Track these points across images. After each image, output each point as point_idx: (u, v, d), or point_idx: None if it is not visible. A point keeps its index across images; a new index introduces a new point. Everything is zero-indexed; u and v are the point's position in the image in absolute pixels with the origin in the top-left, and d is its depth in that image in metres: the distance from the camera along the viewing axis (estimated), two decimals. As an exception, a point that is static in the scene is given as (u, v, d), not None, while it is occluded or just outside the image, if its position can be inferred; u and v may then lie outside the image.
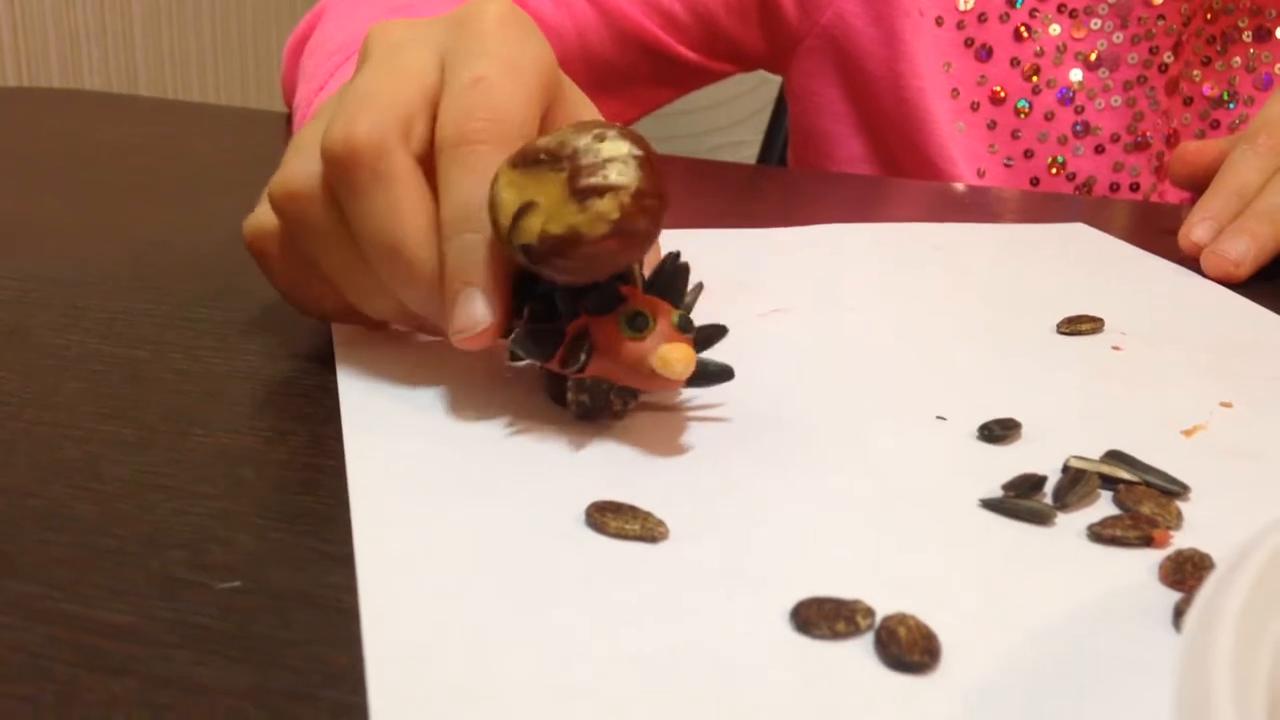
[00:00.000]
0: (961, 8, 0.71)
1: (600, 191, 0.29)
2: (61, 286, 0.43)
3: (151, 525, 0.27)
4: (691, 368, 0.30)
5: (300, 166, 0.33)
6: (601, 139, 0.29)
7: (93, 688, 0.21)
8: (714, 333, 0.33)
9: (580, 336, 0.31)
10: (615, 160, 0.29)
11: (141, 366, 0.36)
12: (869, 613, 0.24)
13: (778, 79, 0.87)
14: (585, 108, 0.38)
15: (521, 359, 0.32)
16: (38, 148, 0.69)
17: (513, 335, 0.31)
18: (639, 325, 0.31)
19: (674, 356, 0.30)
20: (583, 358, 0.31)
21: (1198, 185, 0.59)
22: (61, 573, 0.25)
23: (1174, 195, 0.72)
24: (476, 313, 0.31)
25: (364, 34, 0.36)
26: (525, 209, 0.29)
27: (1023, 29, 0.71)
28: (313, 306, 0.37)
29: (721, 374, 0.33)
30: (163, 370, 0.36)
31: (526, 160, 0.30)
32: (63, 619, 0.23)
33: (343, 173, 0.32)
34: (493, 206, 0.30)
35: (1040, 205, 0.64)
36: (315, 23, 0.69)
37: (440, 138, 0.32)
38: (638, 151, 0.29)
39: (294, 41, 0.71)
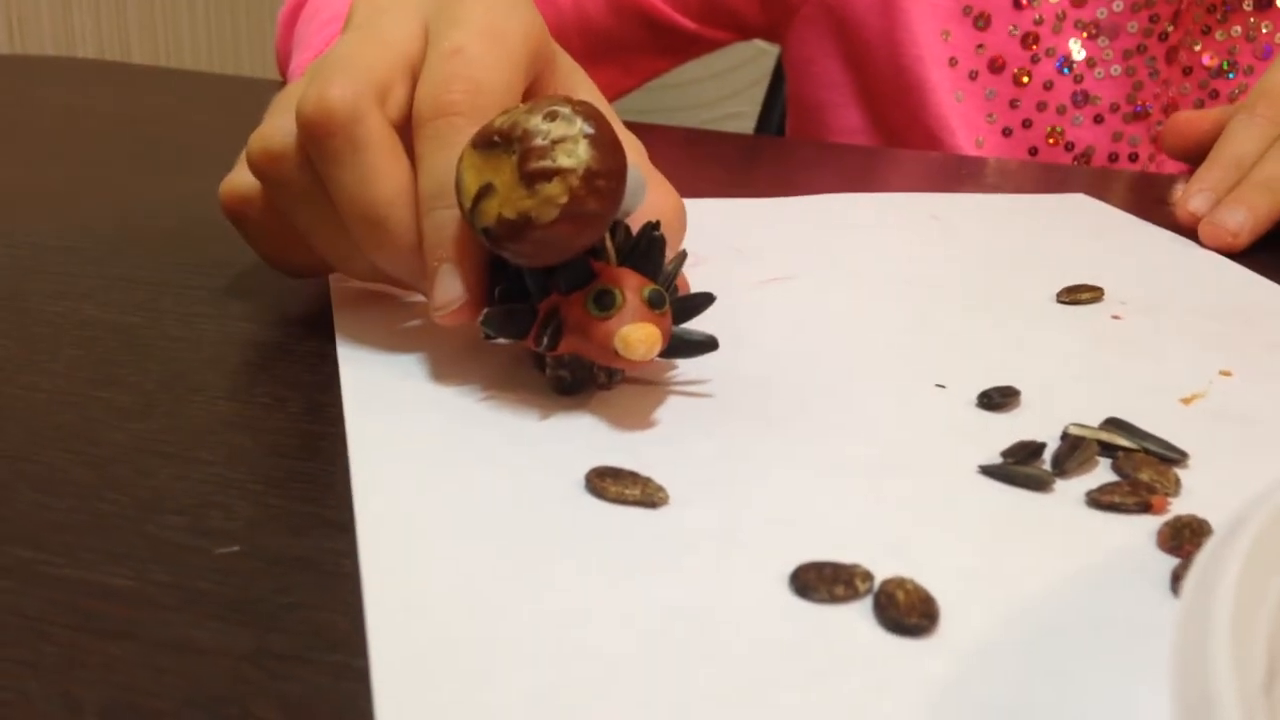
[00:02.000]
0: (960, -24, 0.71)
1: (548, 175, 0.28)
2: (55, 253, 0.42)
3: (150, 490, 0.27)
4: (655, 348, 0.30)
5: (278, 125, 0.33)
6: (553, 118, 0.29)
7: (92, 651, 0.21)
8: (700, 302, 0.33)
9: (550, 315, 0.31)
10: (566, 141, 0.28)
11: (137, 333, 0.36)
12: (867, 576, 0.24)
13: (775, 50, 0.87)
14: (578, 79, 0.37)
15: (494, 338, 0.32)
16: (31, 115, 0.68)
17: (483, 315, 0.31)
18: (605, 304, 0.30)
19: (635, 337, 0.29)
20: (546, 340, 0.30)
21: (1190, 156, 0.59)
22: (59, 537, 0.25)
23: (1172, 165, 0.72)
24: (454, 290, 0.31)
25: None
26: (483, 192, 0.29)
27: (1022, -3, 0.70)
28: (290, 266, 0.37)
29: (704, 345, 0.32)
30: (158, 337, 0.35)
31: (485, 141, 0.29)
32: (61, 583, 0.23)
33: (317, 138, 0.31)
34: (458, 188, 0.30)
35: (1039, 175, 0.64)
36: (310, -10, 0.69)
37: (417, 109, 0.32)
38: (590, 130, 0.29)
39: (288, 9, 0.71)
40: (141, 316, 0.37)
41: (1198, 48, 0.72)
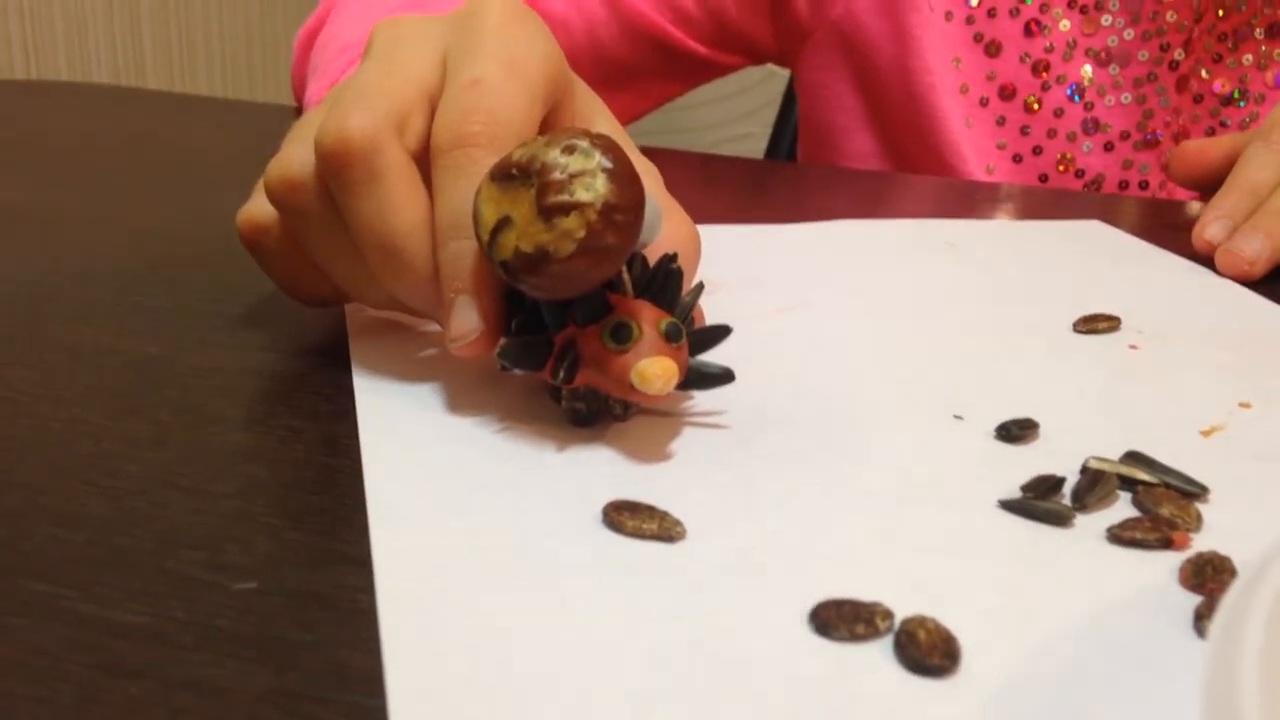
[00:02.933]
0: (971, 3, 0.71)
1: (566, 209, 0.28)
2: (72, 280, 0.42)
3: (166, 524, 0.27)
4: (672, 383, 0.30)
5: (296, 154, 0.33)
6: (571, 151, 0.29)
7: (110, 690, 0.21)
8: (715, 334, 0.33)
9: (566, 348, 0.31)
10: (583, 175, 0.28)
11: (153, 362, 0.36)
12: (888, 615, 0.24)
13: (785, 72, 0.87)
14: (594, 106, 0.38)
15: (510, 369, 0.32)
16: (47, 140, 0.68)
17: (499, 347, 0.31)
18: (622, 337, 0.30)
19: (652, 372, 0.29)
20: (562, 374, 0.30)
21: (1198, 185, 0.59)
22: (77, 572, 0.25)
23: (1183, 193, 0.72)
24: (470, 321, 0.31)
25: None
26: (501, 224, 0.29)
27: (1033, 24, 0.70)
28: (306, 295, 0.37)
29: (721, 377, 0.32)
30: (175, 366, 0.35)
31: (503, 174, 0.29)
32: (79, 620, 0.23)
33: (335, 168, 0.32)
34: (475, 220, 0.30)
35: (1051, 201, 0.64)
36: (325, 17, 0.69)
37: (435, 140, 0.32)
38: (608, 164, 0.29)
39: (304, 36, 0.71)
40: (158, 345, 0.37)
41: (1208, 75, 0.72)
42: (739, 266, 0.47)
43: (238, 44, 1.78)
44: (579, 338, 0.30)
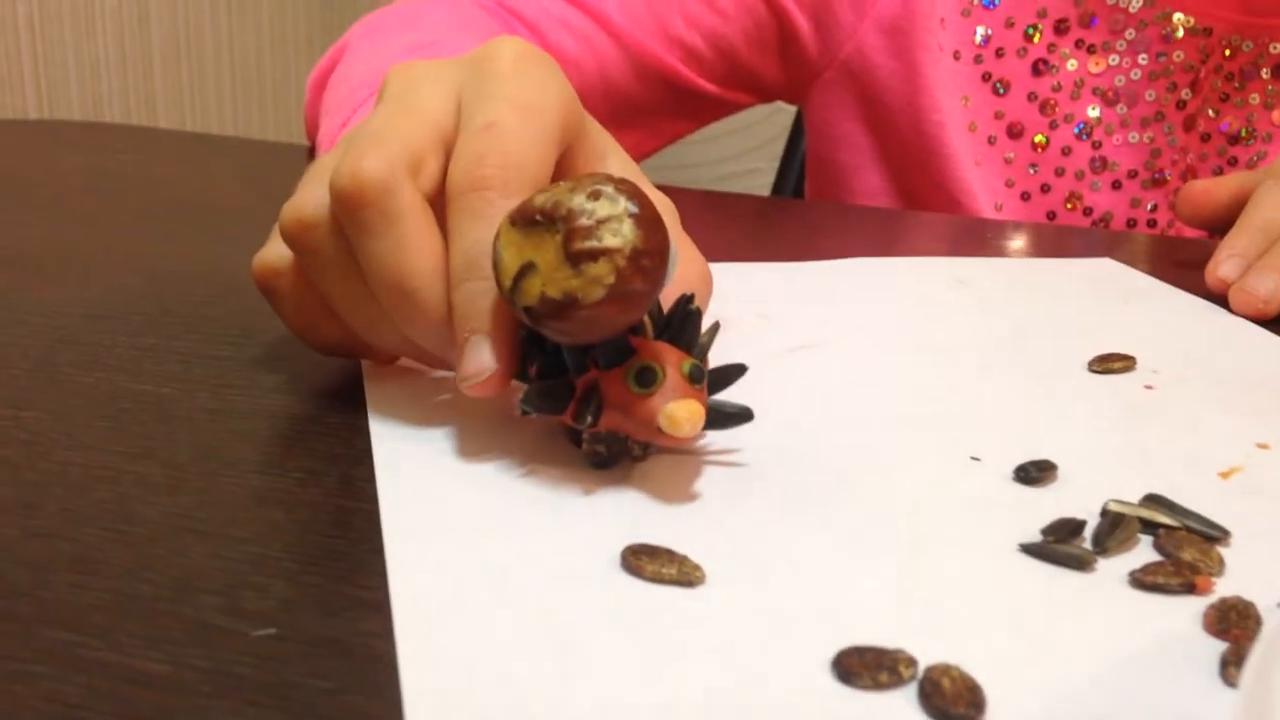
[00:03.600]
0: (979, 42, 0.71)
1: (594, 255, 0.28)
2: (87, 322, 0.43)
3: (184, 570, 0.27)
4: (699, 425, 0.30)
5: (311, 195, 0.33)
6: (596, 197, 0.29)
7: (131, 740, 0.21)
8: (732, 373, 0.33)
9: (589, 393, 0.31)
10: (610, 220, 0.28)
11: (169, 405, 0.36)
12: (911, 662, 0.24)
13: (792, 107, 0.87)
14: (607, 145, 0.38)
15: (531, 415, 0.32)
16: (59, 180, 0.69)
17: (523, 394, 0.31)
18: (646, 380, 0.30)
19: (681, 415, 0.29)
20: (589, 418, 0.30)
21: (1204, 225, 0.59)
22: (96, 620, 0.25)
23: (1191, 232, 0.72)
24: (483, 360, 0.31)
25: (387, 69, 0.37)
26: (525, 270, 0.29)
27: (1040, 64, 0.71)
28: (320, 341, 0.37)
29: (740, 416, 0.32)
30: (191, 409, 0.36)
31: (525, 219, 0.29)
32: (99, 668, 0.23)
33: (350, 209, 0.32)
34: (495, 265, 0.30)
35: (1060, 239, 0.64)
36: (338, 58, 0.70)
37: (451, 184, 0.32)
38: (634, 209, 0.29)
39: (317, 76, 0.72)
40: (174, 388, 0.37)
41: (1215, 115, 0.72)
42: (749, 305, 0.47)
43: (249, 83, 1.79)
44: (602, 381, 0.30)
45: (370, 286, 0.33)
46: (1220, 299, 0.51)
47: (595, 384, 0.30)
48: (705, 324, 0.33)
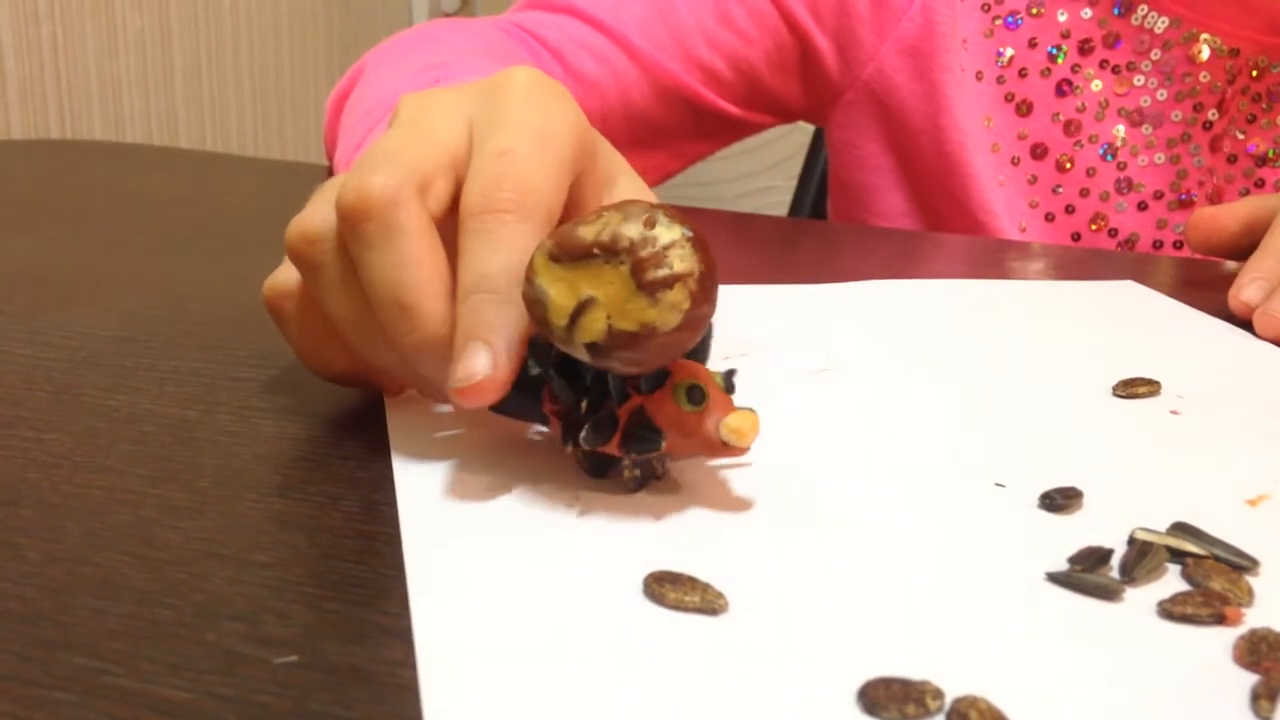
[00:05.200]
0: (1002, 62, 0.71)
1: (669, 283, 0.28)
2: (109, 344, 0.43)
3: (206, 595, 0.27)
4: (758, 431, 0.30)
5: (317, 210, 0.33)
6: (652, 225, 0.29)
7: (152, 769, 0.21)
8: (731, 378, 0.33)
9: (640, 419, 0.31)
10: (674, 246, 0.28)
11: (192, 428, 0.36)
12: (938, 694, 0.24)
13: (809, 126, 0.87)
14: (616, 167, 0.38)
15: (591, 449, 0.32)
16: (82, 200, 0.69)
17: (584, 436, 0.31)
18: (697, 398, 0.30)
19: (746, 426, 0.30)
20: (661, 442, 0.30)
21: (1215, 251, 0.58)
22: (118, 645, 0.25)
23: (1217, 253, 0.72)
24: (477, 365, 0.30)
25: (402, 92, 0.37)
26: (584, 306, 0.29)
27: (1064, 84, 0.71)
28: (325, 367, 0.36)
29: None
30: (213, 432, 0.36)
31: (573, 254, 0.29)
32: (121, 694, 0.23)
33: (354, 222, 0.32)
34: (539, 305, 0.29)
35: (1084, 260, 0.64)
36: (355, 80, 0.70)
37: (465, 206, 0.32)
38: (689, 232, 0.29)
39: (335, 98, 0.72)
40: (196, 410, 0.37)
41: (1242, 136, 0.72)
42: (771, 327, 0.47)
43: (268, 103, 1.80)
44: (649, 406, 0.30)
45: (369, 300, 0.32)
46: (1244, 323, 0.51)
47: (641, 410, 0.31)
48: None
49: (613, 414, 0.31)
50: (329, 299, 0.34)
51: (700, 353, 0.32)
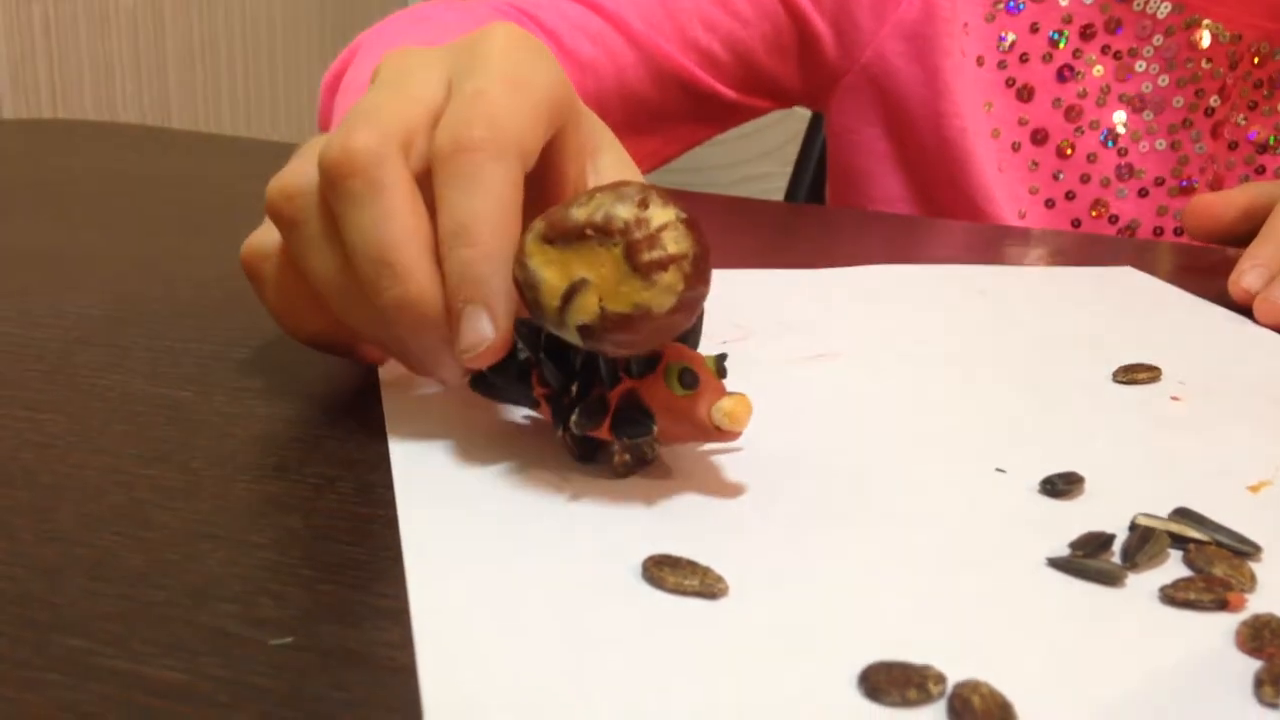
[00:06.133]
0: (1003, 47, 0.71)
1: (664, 265, 0.28)
2: (103, 324, 0.42)
3: (201, 576, 0.26)
4: (751, 417, 0.30)
5: (298, 168, 0.33)
6: (645, 205, 0.28)
7: (146, 751, 0.21)
8: (722, 362, 0.33)
9: (633, 403, 0.30)
10: (668, 228, 0.28)
11: (186, 408, 0.35)
12: (940, 679, 0.23)
13: (805, 111, 0.87)
14: (602, 138, 0.37)
15: (581, 434, 0.31)
16: (75, 181, 0.69)
17: (574, 416, 0.30)
18: (689, 382, 0.30)
19: (740, 410, 0.30)
20: (653, 426, 0.30)
21: (1212, 238, 0.58)
22: (111, 627, 0.24)
23: (1217, 240, 0.71)
24: (483, 330, 0.30)
25: None
26: (576, 288, 0.29)
27: (1065, 70, 0.70)
28: (301, 329, 0.36)
29: None
30: (207, 413, 0.35)
31: (565, 235, 0.29)
32: (114, 676, 0.23)
33: (337, 181, 0.31)
34: (532, 287, 0.29)
35: (1084, 247, 0.64)
36: (350, 61, 0.70)
37: (436, 146, 0.31)
38: (683, 213, 0.28)
39: (329, 79, 0.71)
40: (190, 391, 0.37)
41: (1243, 122, 0.72)
42: (767, 312, 0.47)
43: (261, 83, 1.79)
44: (640, 390, 0.30)
45: (351, 259, 0.32)
46: (1245, 309, 0.51)
47: (633, 393, 0.30)
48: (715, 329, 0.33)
49: (603, 398, 0.31)
50: (308, 257, 0.33)
51: (691, 336, 0.32)
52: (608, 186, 0.29)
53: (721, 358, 0.31)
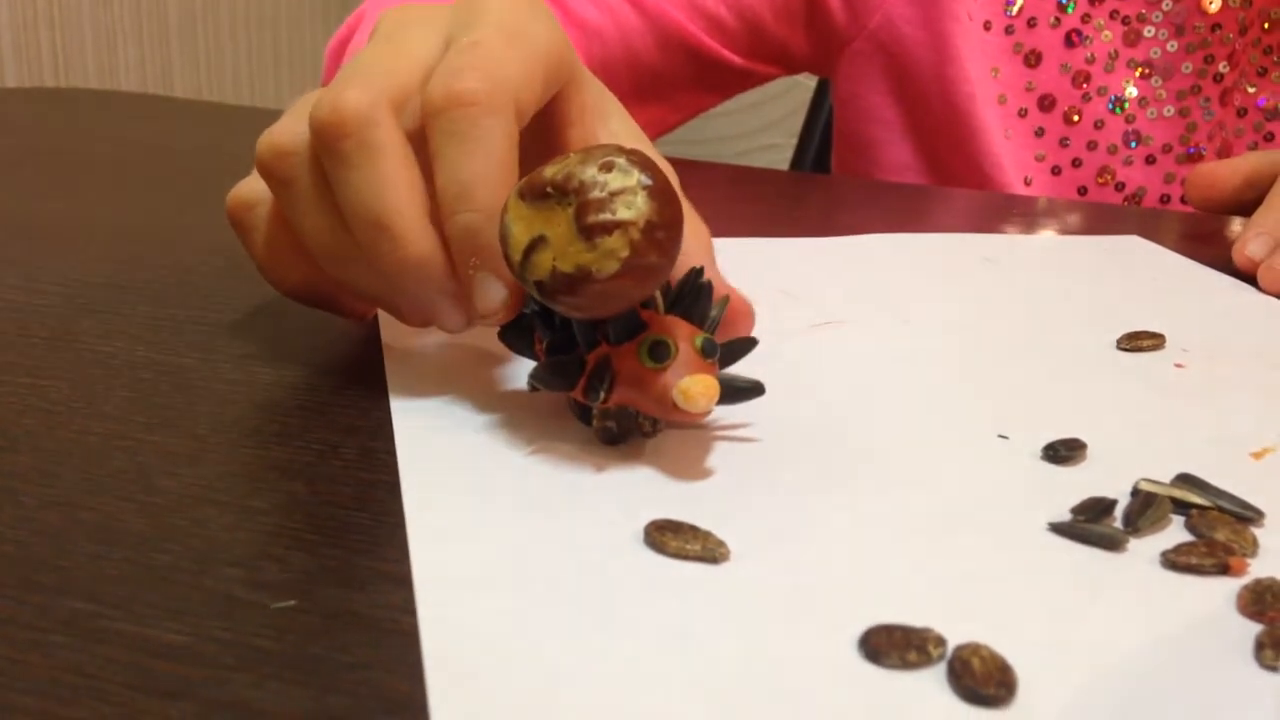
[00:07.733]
0: (1011, 12, 0.70)
1: (608, 228, 0.28)
2: (106, 291, 0.42)
3: (204, 541, 0.26)
4: (714, 400, 0.29)
5: (289, 125, 0.33)
6: (609, 168, 0.28)
7: (151, 712, 0.21)
8: (743, 346, 0.32)
9: (601, 368, 0.30)
10: (624, 193, 0.28)
11: (189, 375, 0.35)
12: (940, 642, 0.24)
13: (811, 81, 0.87)
14: (609, 105, 0.37)
15: (540, 390, 0.32)
16: (75, 148, 0.69)
17: (532, 370, 0.31)
18: (660, 355, 0.29)
19: (696, 390, 0.29)
20: (603, 393, 0.30)
21: (1214, 208, 0.58)
22: (115, 590, 0.24)
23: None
24: (498, 295, 0.31)
25: None
26: (535, 244, 0.28)
27: (1074, 35, 0.70)
28: (286, 281, 0.36)
29: (751, 391, 0.32)
30: (211, 379, 0.35)
31: (534, 192, 0.29)
32: (118, 639, 0.23)
33: (328, 140, 0.31)
34: (503, 239, 0.29)
35: (1090, 215, 0.63)
36: (355, 27, 0.69)
37: (428, 99, 0.31)
38: (647, 181, 0.28)
39: (334, 46, 0.71)
40: (194, 357, 0.37)
41: (1253, 89, 0.71)
42: (772, 281, 0.47)
43: (264, 52, 1.78)
44: (614, 356, 0.30)
45: (346, 221, 0.32)
46: (1249, 277, 0.50)
47: (607, 359, 0.30)
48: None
49: (578, 359, 0.31)
50: (300, 216, 0.33)
51: (695, 310, 0.31)
52: (591, 147, 0.29)
53: (710, 339, 0.31)
